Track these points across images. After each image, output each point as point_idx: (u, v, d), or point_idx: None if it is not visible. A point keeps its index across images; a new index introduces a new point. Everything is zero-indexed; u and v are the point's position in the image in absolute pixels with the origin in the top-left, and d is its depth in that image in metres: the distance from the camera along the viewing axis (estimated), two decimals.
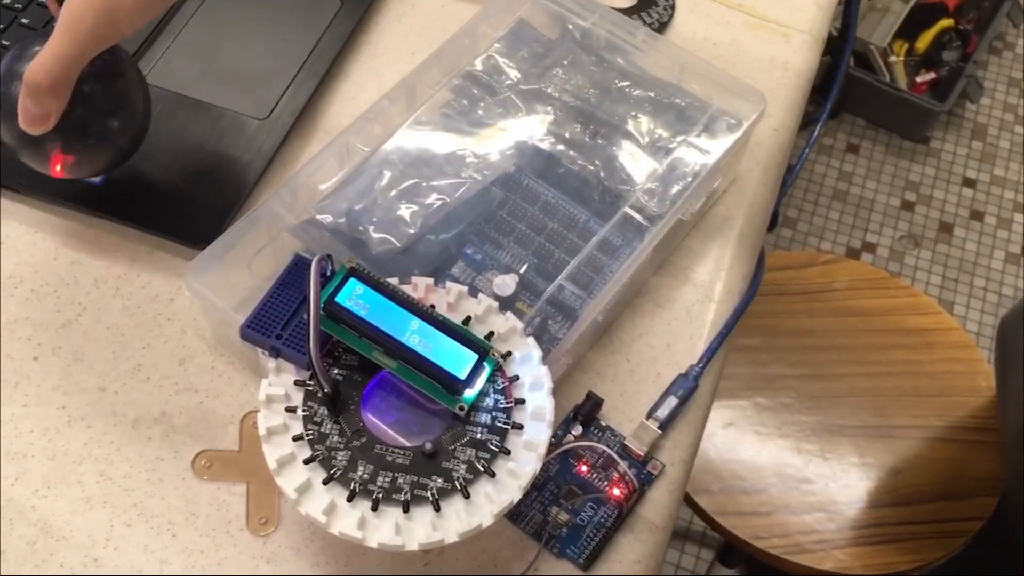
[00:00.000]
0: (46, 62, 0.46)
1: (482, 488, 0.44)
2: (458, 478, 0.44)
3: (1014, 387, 0.84)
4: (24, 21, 0.62)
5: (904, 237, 1.70)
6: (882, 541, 0.85)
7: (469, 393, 0.45)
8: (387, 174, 0.54)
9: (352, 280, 0.46)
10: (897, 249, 1.69)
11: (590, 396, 0.52)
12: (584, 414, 0.52)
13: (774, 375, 0.93)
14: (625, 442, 0.51)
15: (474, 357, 0.45)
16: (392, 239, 0.52)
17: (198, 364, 0.53)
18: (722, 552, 1.04)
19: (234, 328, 0.47)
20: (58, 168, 0.51)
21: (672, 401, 0.52)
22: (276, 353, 0.46)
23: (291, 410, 0.45)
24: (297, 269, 0.48)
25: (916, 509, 0.86)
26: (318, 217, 0.52)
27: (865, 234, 1.70)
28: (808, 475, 0.88)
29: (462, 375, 0.45)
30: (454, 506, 0.43)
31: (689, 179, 0.55)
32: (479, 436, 0.45)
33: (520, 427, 0.45)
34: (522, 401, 0.46)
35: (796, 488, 0.87)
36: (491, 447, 0.45)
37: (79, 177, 0.54)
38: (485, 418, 0.45)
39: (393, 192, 0.53)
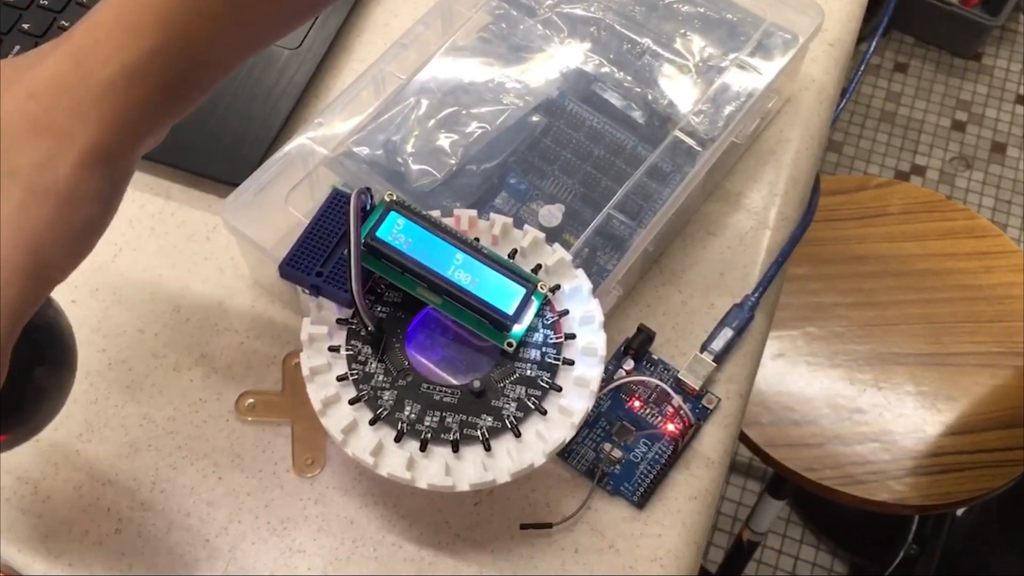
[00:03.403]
0: None
1: (533, 426, 0.42)
2: (508, 416, 0.42)
3: None
4: (25, 26, 0.58)
5: (955, 159, 1.65)
6: (939, 471, 0.83)
7: (517, 329, 0.44)
8: (424, 103, 0.52)
9: (392, 214, 0.44)
10: (948, 171, 1.63)
11: (641, 329, 0.50)
12: (636, 348, 0.50)
13: (825, 304, 0.90)
14: (679, 376, 0.49)
15: (522, 291, 0.43)
16: (432, 170, 0.50)
17: (237, 304, 0.52)
18: (771, 483, 1.02)
19: (273, 266, 0.45)
20: None
21: (727, 332, 0.50)
22: (317, 291, 0.44)
23: (334, 349, 0.43)
24: (335, 204, 0.46)
25: (975, 438, 0.84)
26: (355, 150, 0.50)
27: (914, 156, 1.65)
28: (861, 405, 0.86)
29: (510, 310, 0.43)
30: (504, 445, 0.42)
31: (742, 100, 0.52)
32: (529, 373, 0.43)
33: (571, 363, 0.43)
34: (572, 336, 0.44)
35: (849, 419, 0.85)
36: (542, 384, 0.43)
37: (19, 444, 0.41)
38: (534, 354, 0.44)
39: (431, 121, 0.51)
